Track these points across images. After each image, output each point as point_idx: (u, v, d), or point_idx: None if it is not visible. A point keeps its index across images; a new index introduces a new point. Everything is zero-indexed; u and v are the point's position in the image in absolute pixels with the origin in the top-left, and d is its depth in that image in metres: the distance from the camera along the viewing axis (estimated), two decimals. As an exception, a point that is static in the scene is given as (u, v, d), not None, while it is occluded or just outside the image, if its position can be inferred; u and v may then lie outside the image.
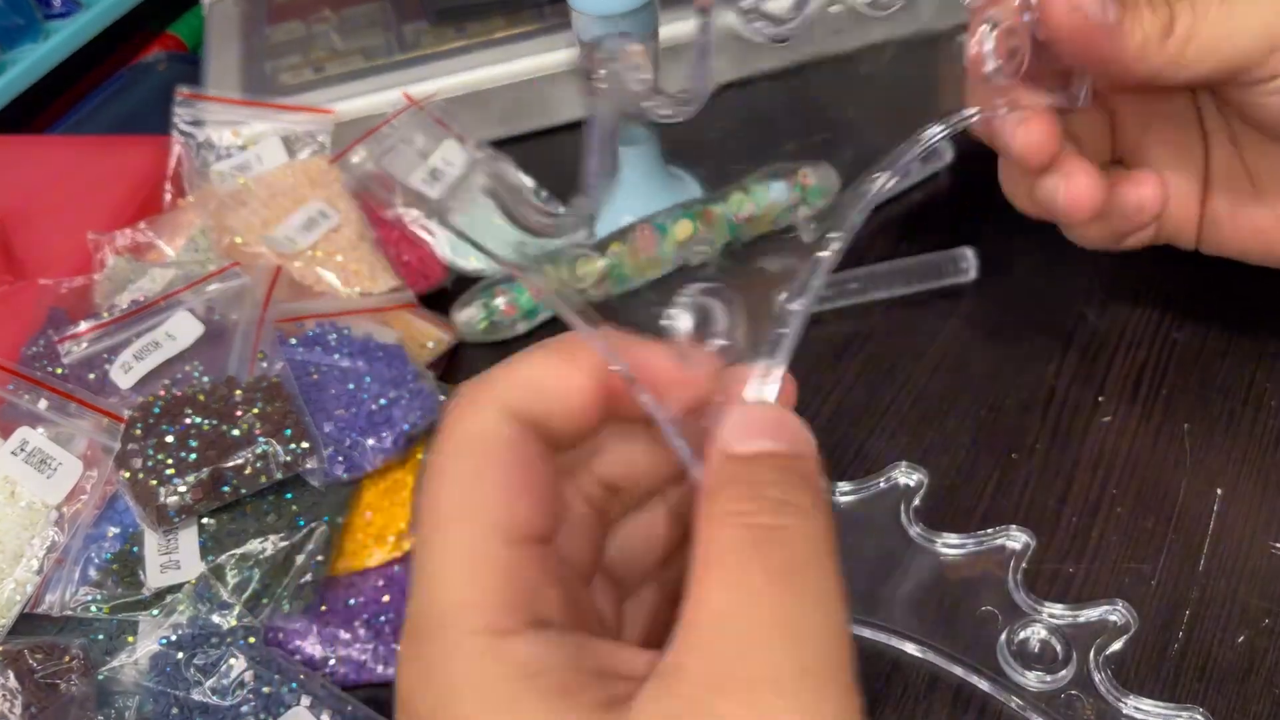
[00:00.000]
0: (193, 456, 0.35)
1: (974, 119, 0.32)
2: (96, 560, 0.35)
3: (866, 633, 0.31)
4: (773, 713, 0.17)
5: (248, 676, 0.32)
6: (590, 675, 0.19)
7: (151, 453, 0.35)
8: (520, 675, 0.18)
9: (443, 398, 0.39)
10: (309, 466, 0.36)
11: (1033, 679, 0.30)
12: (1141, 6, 0.30)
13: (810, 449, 0.21)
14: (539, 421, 0.21)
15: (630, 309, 0.24)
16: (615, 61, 0.20)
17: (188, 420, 0.36)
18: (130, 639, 0.33)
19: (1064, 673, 0.30)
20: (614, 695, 0.18)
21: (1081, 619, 0.31)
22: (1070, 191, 0.34)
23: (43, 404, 0.37)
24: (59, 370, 0.40)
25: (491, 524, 0.20)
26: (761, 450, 0.21)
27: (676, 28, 0.51)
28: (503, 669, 0.18)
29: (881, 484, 0.35)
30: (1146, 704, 0.29)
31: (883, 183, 0.26)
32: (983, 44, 0.29)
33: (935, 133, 0.30)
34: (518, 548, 0.20)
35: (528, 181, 0.48)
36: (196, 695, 0.32)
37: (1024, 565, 0.32)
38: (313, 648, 0.34)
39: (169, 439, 0.35)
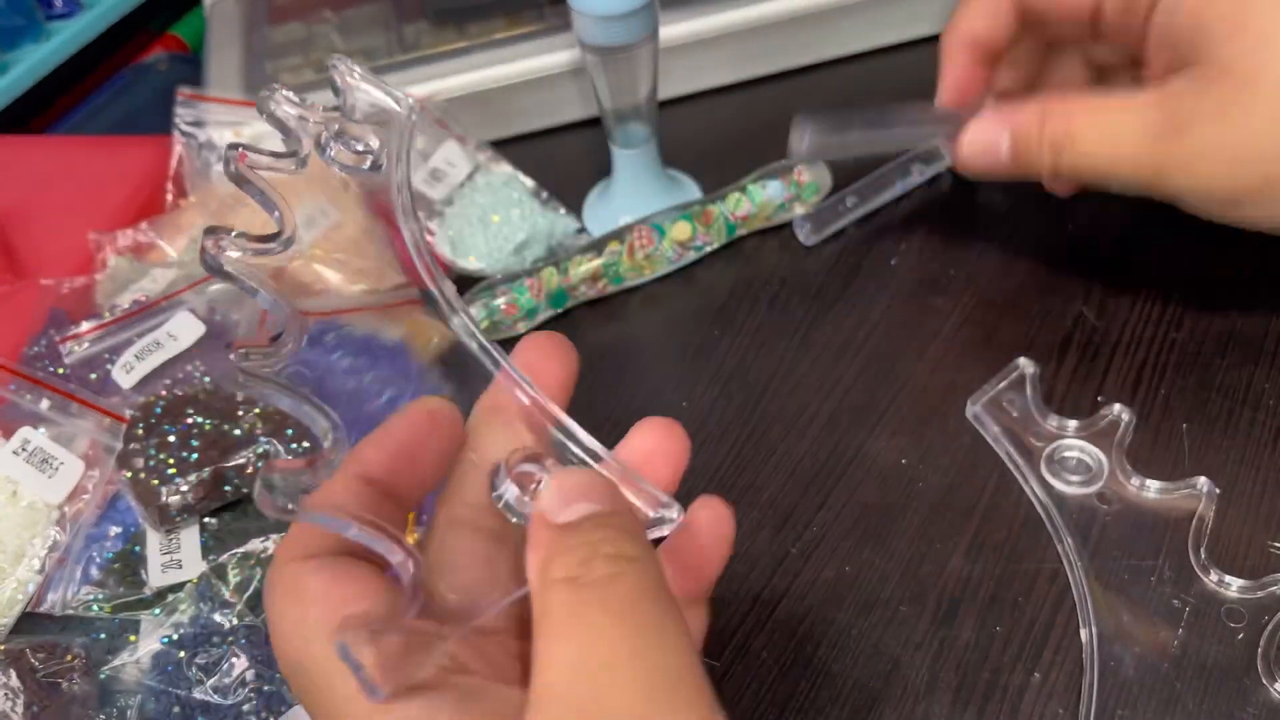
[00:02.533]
0: (194, 456, 0.35)
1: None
2: (98, 560, 0.35)
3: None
4: None
5: (249, 675, 0.32)
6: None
7: (153, 452, 0.35)
8: None
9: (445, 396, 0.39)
10: (310, 466, 0.36)
11: None
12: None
13: (624, 502, 0.22)
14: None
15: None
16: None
17: (189, 420, 0.36)
18: (132, 638, 0.33)
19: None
20: None
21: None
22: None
23: (44, 404, 0.37)
24: (60, 370, 0.40)
25: (327, 627, 0.20)
26: (584, 515, 0.21)
27: (676, 28, 0.51)
28: None
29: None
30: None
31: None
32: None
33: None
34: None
35: (528, 182, 0.48)
36: (198, 694, 0.32)
37: (1023, 564, 0.33)
38: (314, 647, 0.34)
39: (171, 439, 0.36)
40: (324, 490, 0.21)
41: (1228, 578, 0.32)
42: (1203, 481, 0.34)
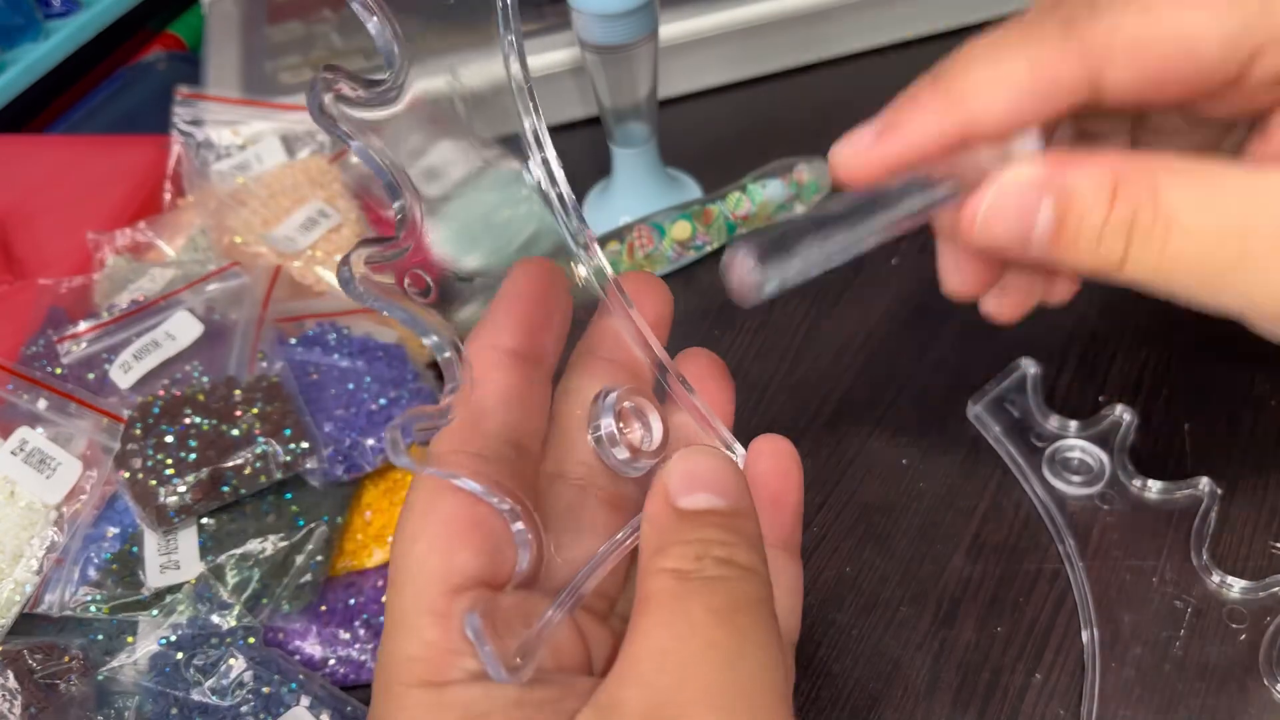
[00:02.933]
0: (192, 456, 0.35)
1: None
2: (96, 560, 0.35)
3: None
4: None
5: (247, 677, 0.32)
6: (535, 710, 0.19)
7: (151, 453, 0.35)
8: None
9: (442, 397, 0.39)
10: (308, 466, 0.35)
11: None
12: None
13: (750, 504, 0.21)
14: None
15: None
16: None
17: (187, 420, 0.36)
18: (130, 639, 0.33)
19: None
20: None
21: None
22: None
23: (42, 404, 0.37)
24: (58, 370, 0.40)
25: (429, 576, 0.20)
26: (708, 507, 0.20)
27: (676, 27, 0.51)
28: (444, 717, 0.19)
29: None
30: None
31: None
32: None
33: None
34: (460, 596, 0.20)
35: (530, 180, 0.48)
36: (196, 695, 0.32)
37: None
38: (312, 648, 0.34)
39: (168, 439, 0.35)
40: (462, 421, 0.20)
41: (1229, 579, 0.32)
42: (1204, 482, 0.34)
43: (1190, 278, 0.22)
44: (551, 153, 0.25)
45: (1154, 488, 0.34)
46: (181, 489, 0.34)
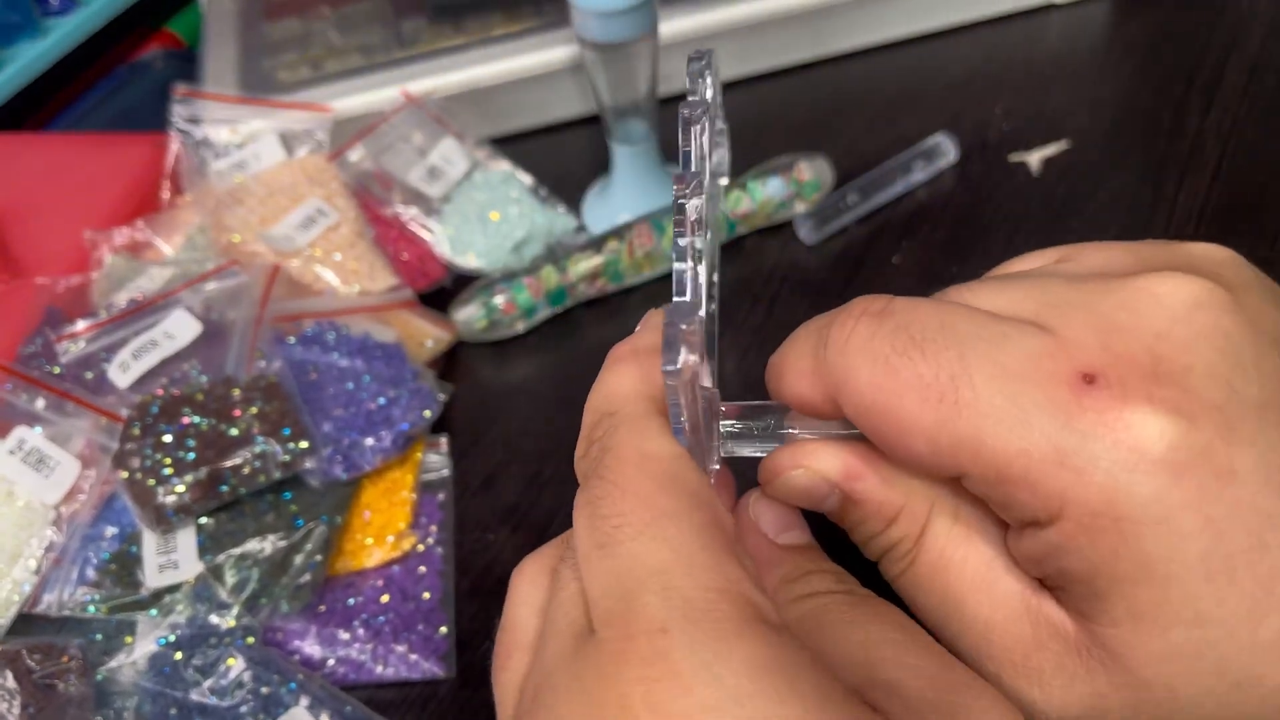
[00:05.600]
0: (191, 456, 0.35)
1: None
2: (94, 560, 0.35)
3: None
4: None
5: (246, 677, 0.32)
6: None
7: (149, 452, 0.35)
8: (811, 664, 0.18)
9: (443, 396, 0.39)
10: (307, 466, 0.35)
11: None
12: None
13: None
14: None
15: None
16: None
17: (186, 420, 0.36)
18: (128, 639, 0.33)
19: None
20: None
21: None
22: None
23: (40, 403, 0.37)
24: (56, 369, 0.39)
25: (713, 520, 0.20)
26: (800, 543, 0.24)
27: (676, 24, 0.51)
28: (798, 657, 0.17)
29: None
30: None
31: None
32: None
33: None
34: (736, 546, 0.20)
35: (526, 179, 0.48)
36: (195, 696, 0.32)
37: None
38: (311, 648, 0.34)
39: (167, 438, 0.35)
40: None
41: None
42: None
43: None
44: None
45: None
46: (180, 489, 0.34)
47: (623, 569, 0.19)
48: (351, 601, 0.34)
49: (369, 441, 0.36)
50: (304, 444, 0.35)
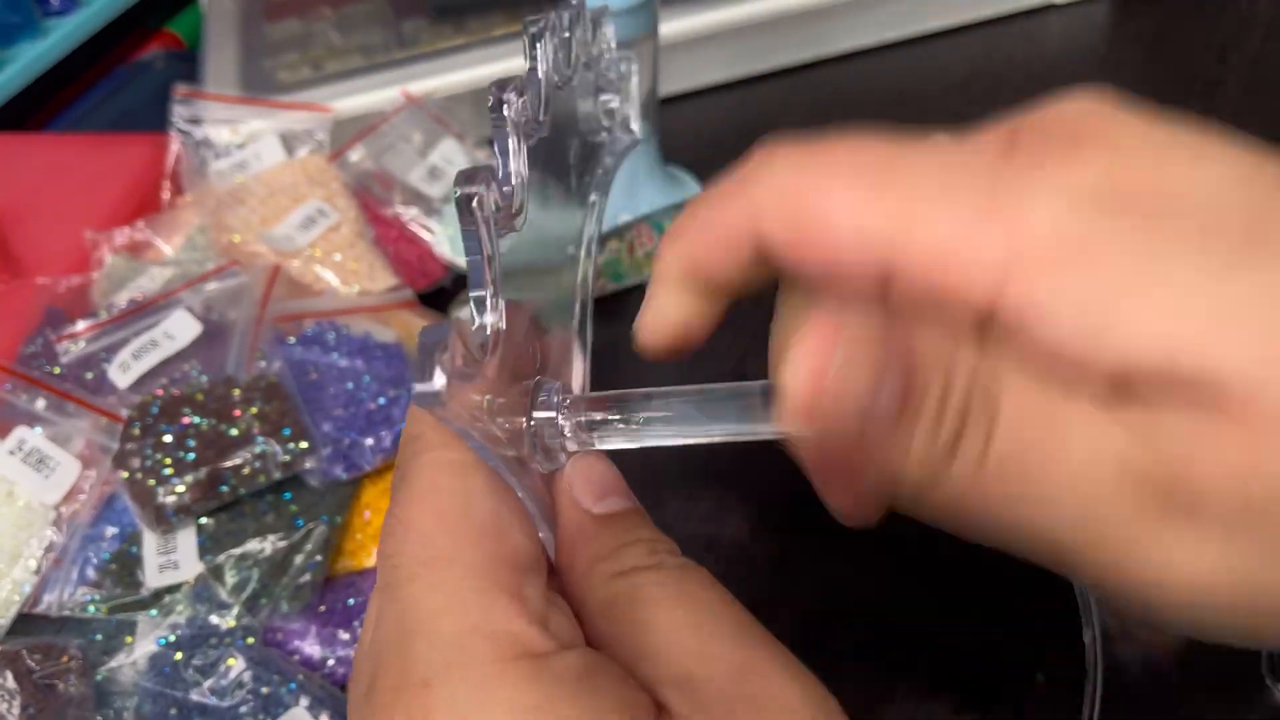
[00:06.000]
0: (191, 456, 0.35)
1: None
2: (94, 560, 0.35)
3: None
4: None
5: (246, 677, 0.32)
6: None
7: (149, 452, 0.35)
8: (584, 692, 0.17)
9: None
10: (307, 466, 0.35)
11: None
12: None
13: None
14: None
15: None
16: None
17: (186, 420, 0.36)
18: (128, 639, 0.33)
19: None
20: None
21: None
22: None
23: (40, 403, 0.37)
24: (56, 369, 0.39)
25: (493, 555, 0.19)
26: (619, 510, 0.22)
27: (677, 24, 0.51)
28: (567, 689, 0.17)
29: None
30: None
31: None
32: None
33: None
34: (524, 575, 0.19)
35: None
36: (195, 696, 0.32)
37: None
38: (311, 648, 0.34)
39: (167, 439, 0.35)
40: None
41: (1232, 578, 0.31)
42: None
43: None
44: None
45: None
46: (180, 489, 0.34)
47: (400, 613, 0.18)
48: (351, 601, 0.34)
49: (369, 441, 0.36)
50: (304, 444, 0.35)
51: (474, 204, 0.18)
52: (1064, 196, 0.17)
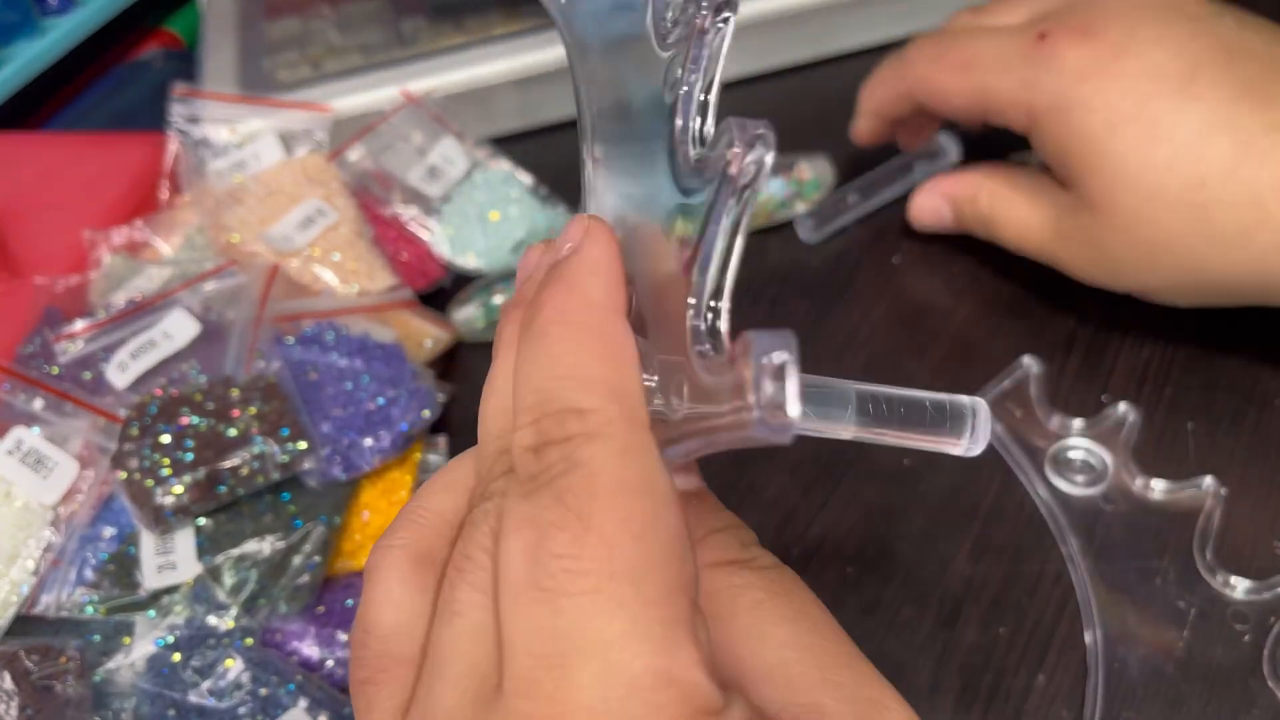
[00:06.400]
0: (189, 457, 0.35)
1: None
2: (93, 561, 0.35)
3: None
4: None
5: (245, 678, 0.32)
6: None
7: (148, 453, 0.35)
8: None
9: (442, 397, 0.39)
10: (306, 467, 0.35)
11: None
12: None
13: None
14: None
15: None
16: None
17: (184, 420, 0.36)
18: (126, 640, 0.33)
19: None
20: None
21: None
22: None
23: (38, 403, 0.37)
24: (54, 369, 0.39)
25: (678, 581, 0.17)
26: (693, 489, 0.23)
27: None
28: None
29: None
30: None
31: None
32: None
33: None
34: (696, 609, 0.17)
35: (526, 179, 0.48)
36: (193, 697, 0.32)
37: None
38: (310, 649, 0.33)
39: (165, 439, 0.35)
40: None
41: (1233, 579, 0.31)
42: (1208, 481, 0.34)
43: (1014, 248, 0.40)
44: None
45: (1157, 487, 0.34)
46: (178, 489, 0.34)
47: (562, 628, 0.16)
48: (350, 602, 0.34)
49: (368, 442, 0.36)
50: (303, 444, 0.35)
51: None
52: (1065, 75, 0.35)
